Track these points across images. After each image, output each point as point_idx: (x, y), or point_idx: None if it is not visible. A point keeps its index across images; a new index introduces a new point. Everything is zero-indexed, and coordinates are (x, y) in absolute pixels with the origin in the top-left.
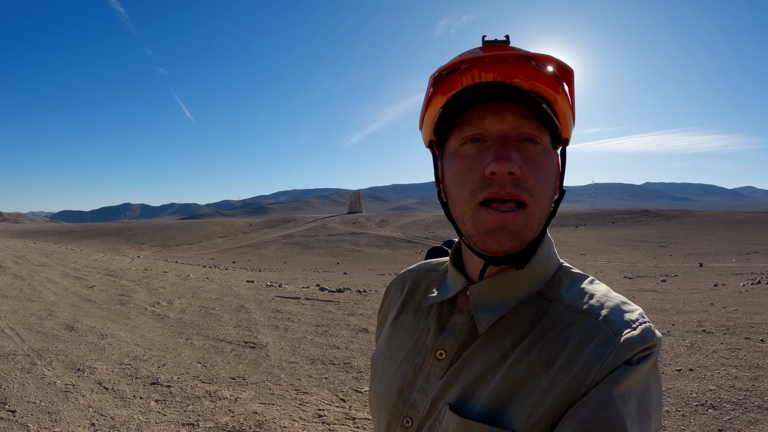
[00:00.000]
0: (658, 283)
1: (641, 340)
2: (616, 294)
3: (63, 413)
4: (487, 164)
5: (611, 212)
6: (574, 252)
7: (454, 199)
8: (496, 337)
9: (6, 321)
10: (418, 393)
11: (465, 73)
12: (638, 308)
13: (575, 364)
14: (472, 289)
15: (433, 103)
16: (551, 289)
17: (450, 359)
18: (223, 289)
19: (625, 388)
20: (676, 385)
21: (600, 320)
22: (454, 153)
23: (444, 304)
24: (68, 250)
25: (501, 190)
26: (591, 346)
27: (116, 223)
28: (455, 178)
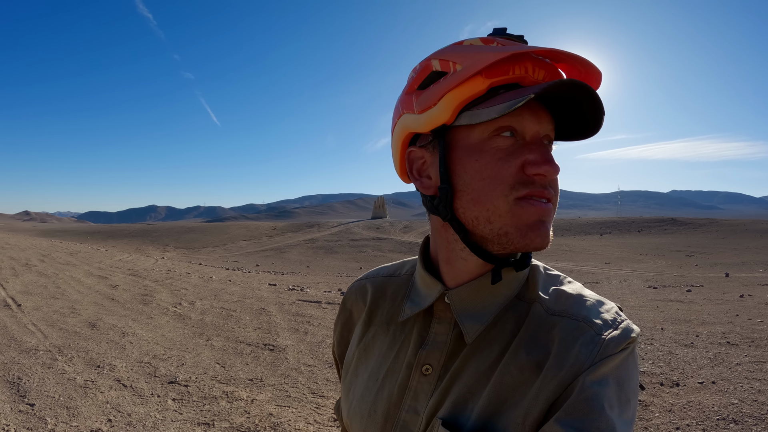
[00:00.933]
0: (683, 293)
1: (624, 338)
2: (590, 292)
3: (81, 408)
4: (529, 162)
5: (637, 220)
6: (598, 261)
7: (478, 194)
8: (483, 345)
9: (30, 317)
10: (408, 413)
11: (518, 62)
12: (614, 306)
13: (564, 364)
14: (452, 294)
15: (471, 83)
16: (528, 291)
17: (438, 373)
18: (244, 292)
19: (602, 373)
20: (698, 399)
21: (581, 321)
22: (482, 144)
23: (420, 314)
24: (94, 250)
25: (544, 189)
26: (577, 347)
27: (142, 225)
28: (487, 171)
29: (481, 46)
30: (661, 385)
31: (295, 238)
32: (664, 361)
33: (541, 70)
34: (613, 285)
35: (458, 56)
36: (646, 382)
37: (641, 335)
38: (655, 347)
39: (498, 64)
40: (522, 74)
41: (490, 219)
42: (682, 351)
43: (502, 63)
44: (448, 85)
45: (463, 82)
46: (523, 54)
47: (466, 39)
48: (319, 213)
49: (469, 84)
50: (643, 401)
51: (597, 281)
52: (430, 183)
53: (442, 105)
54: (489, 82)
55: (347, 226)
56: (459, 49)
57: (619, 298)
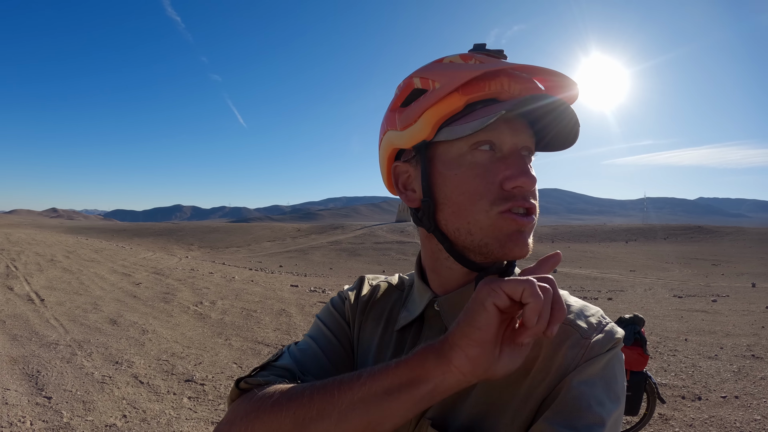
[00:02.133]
0: (708, 303)
1: (608, 341)
2: (575, 298)
3: (97, 403)
4: (507, 176)
5: (663, 228)
6: (623, 268)
7: (458, 208)
8: None
9: (52, 312)
10: None
11: (493, 79)
12: (598, 309)
13: (551, 367)
14: (442, 301)
15: (448, 100)
16: None
17: None
18: (266, 293)
19: (589, 374)
20: (720, 413)
21: (567, 325)
22: (461, 158)
23: (414, 321)
24: (118, 248)
25: (524, 201)
26: (564, 350)
27: (167, 224)
28: (465, 185)
29: (458, 64)
30: (683, 398)
31: (319, 239)
32: (686, 374)
33: (516, 84)
34: (637, 293)
35: (437, 74)
36: (668, 395)
37: (665, 346)
38: (678, 359)
39: (474, 81)
40: (498, 90)
41: (471, 231)
42: (705, 363)
43: (478, 80)
44: (427, 102)
45: (441, 100)
46: (498, 71)
47: (446, 56)
48: (344, 215)
49: (447, 101)
50: (663, 415)
51: (621, 289)
52: (414, 196)
53: (422, 122)
54: (466, 99)
55: (371, 229)
56: (438, 67)
57: (643, 307)
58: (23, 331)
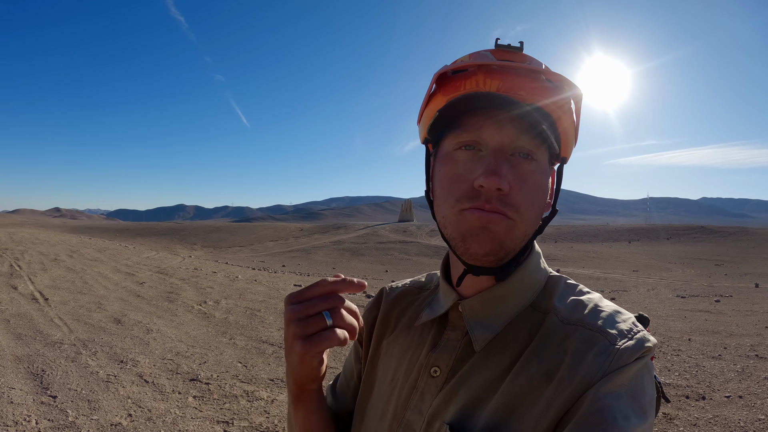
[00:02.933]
0: (711, 303)
1: (638, 348)
2: (608, 302)
3: (102, 402)
4: (476, 175)
5: (666, 228)
6: (626, 268)
7: (439, 201)
8: (494, 354)
9: (56, 311)
10: (413, 412)
11: (470, 77)
12: (631, 316)
13: (576, 375)
14: (465, 304)
15: (434, 102)
16: (543, 301)
17: (445, 376)
18: (270, 292)
19: (615, 384)
20: (723, 413)
21: (595, 331)
22: (447, 157)
23: (435, 320)
24: (122, 247)
25: (487, 203)
26: (590, 357)
27: (170, 223)
28: (444, 182)
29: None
30: (687, 398)
31: (322, 239)
32: (690, 374)
33: (494, 81)
34: (640, 293)
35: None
36: (672, 395)
37: (668, 346)
38: (681, 359)
39: (451, 81)
40: (473, 87)
41: (446, 225)
42: (709, 363)
43: (455, 79)
44: (424, 102)
45: (431, 100)
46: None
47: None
48: (346, 215)
49: (435, 101)
50: (667, 414)
51: (624, 289)
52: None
53: (422, 121)
54: (446, 99)
55: (374, 229)
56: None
57: (646, 307)
58: (28, 330)
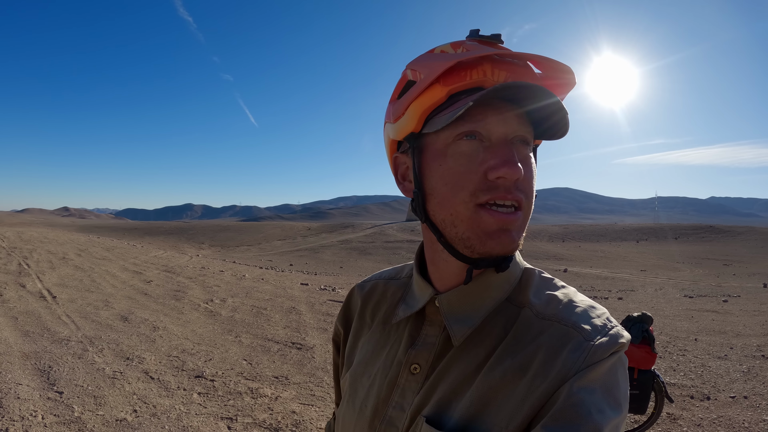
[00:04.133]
0: (719, 303)
1: (612, 344)
2: (582, 297)
3: (108, 398)
4: (491, 166)
5: (674, 227)
6: (634, 268)
7: (442, 199)
8: (470, 347)
9: (64, 309)
10: (395, 409)
11: (475, 67)
12: (605, 311)
13: (550, 370)
14: (442, 299)
15: (430, 92)
16: (519, 294)
17: (425, 373)
18: (276, 291)
19: (590, 379)
20: (728, 413)
21: (570, 326)
22: (445, 149)
23: (412, 315)
24: (129, 246)
25: (507, 194)
26: (565, 353)
27: (178, 223)
28: (448, 176)
29: (443, 54)
30: (692, 398)
31: (330, 238)
32: (695, 374)
33: (501, 71)
34: (648, 293)
35: (421, 65)
36: (676, 395)
37: (674, 346)
38: (687, 359)
39: (454, 71)
40: (480, 78)
41: (455, 223)
42: (714, 363)
43: (459, 69)
44: (412, 94)
45: (424, 91)
46: (483, 57)
47: (439, 45)
48: (354, 214)
49: (429, 92)
50: (671, 414)
51: (632, 289)
52: (409, 187)
53: (409, 114)
54: (447, 90)
55: (381, 228)
56: (425, 58)
57: (653, 306)
58: (35, 328)
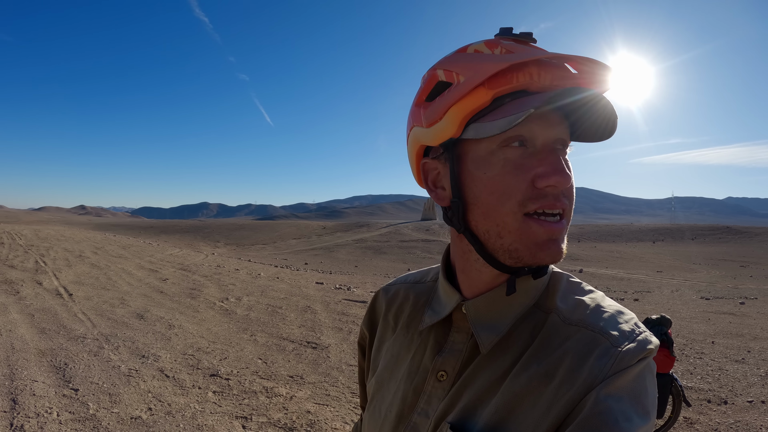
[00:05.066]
0: (736, 305)
1: (640, 351)
2: (611, 302)
3: (123, 396)
4: (539, 174)
5: (691, 228)
6: (650, 269)
7: (488, 209)
8: (498, 354)
9: (80, 306)
10: (420, 415)
11: (521, 69)
12: (633, 316)
13: (577, 377)
14: (469, 305)
15: (474, 95)
16: (546, 300)
17: (452, 380)
18: (291, 289)
19: (617, 386)
20: (746, 418)
21: (597, 332)
22: (490, 156)
23: (439, 321)
24: (146, 244)
25: (556, 202)
26: (591, 359)
27: (194, 221)
28: (494, 185)
29: (484, 55)
30: (709, 402)
31: (345, 237)
32: (713, 377)
33: (547, 74)
34: (664, 295)
35: (461, 66)
36: (693, 399)
37: (691, 348)
38: (704, 362)
39: (500, 74)
40: (526, 81)
41: (501, 234)
42: (732, 367)
43: (505, 72)
44: (452, 98)
45: (466, 95)
46: (527, 60)
47: (471, 44)
48: (369, 213)
49: (473, 96)
50: (688, 418)
51: (648, 290)
52: (444, 194)
53: (448, 119)
54: (492, 93)
55: (396, 227)
56: (462, 58)
57: (670, 308)
58: (51, 325)
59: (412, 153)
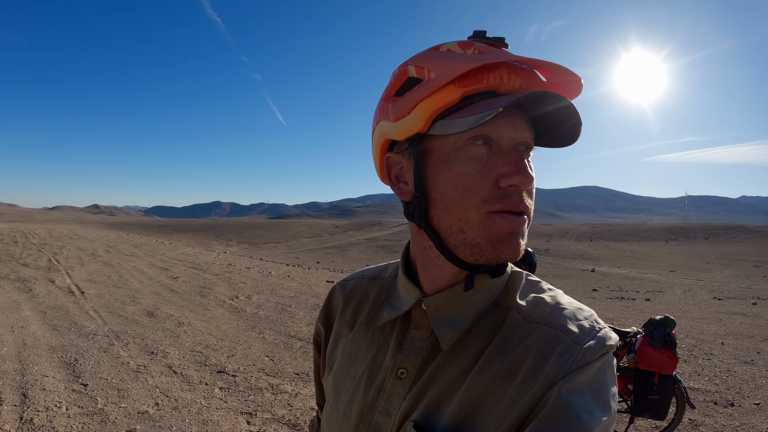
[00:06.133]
0: (748, 305)
1: (600, 347)
2: (569, 299)
3: (131, 391)
4: (503, 174)
5: (704, 227)
6: (662, 268)
7: (451, 204)
8: (459, 351)
9: (91, 304)
10: (381, 414)
11: (493, 70)
12: (592, 313)
13: (540, 374)
14: (429, 302)
15: (443, 92)
16: (506, 297)
17: (412, 377)
18: (302, 288)
19: (578, 382)
20: (752, 421)
21: (558, 329)
22: (456, 152)
23: (398, 318)
24: (158, 243)
25: (520, 202)
26: (554, 356)
27: (206, 220)
28: (460, 181)
29: (455, 54)
30: (715, 404)
31: (357, 236)
32: (720, 379)
33: (517, 77)
34: (676, 294)
35: (433, 63)
36: (699, 401)
37: (700, 349)
38: (712, 363)
39: (471, 73)
40: (496, 82)
41: (463, 229)
42: (740, 368)
43: (476, 72)
44: (421, 93)
45: (436, 91)
46: (498, 62)
47: (444, 43)
48: (381, 212)
49: (442, 93)
50: (693, 420)
51: (660, 290)
52: (406, 189)
53: (416, 114)
54: (462, 92)
55: (408, 226)
56: (434, 55)
57: (681, 308)
58: (63, 322)
59: (377, 147)
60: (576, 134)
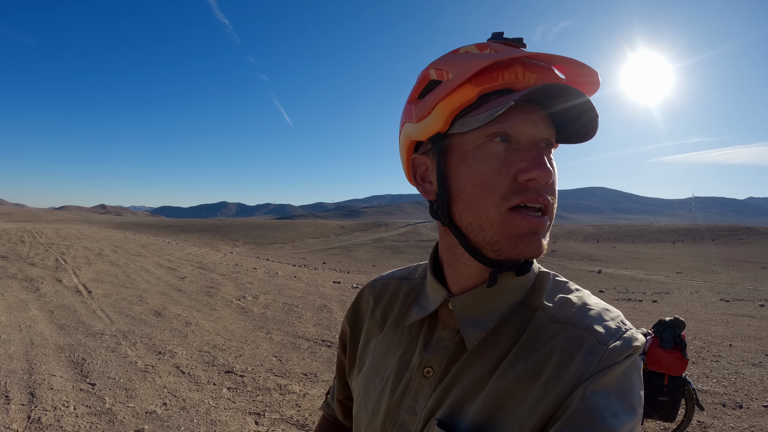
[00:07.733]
0: (755, 307)
1: (626, 348)
2: (596, 299)
3: (139, 391)
4: (521, 169)
5: (711, 228)
6: (669, 270)
7: (471, 201)
8: (484, 350)
9: (99, 303)
10: (407, 413)
11: (507, 68)
12: (619, 314)
13: (564, 374)
14: (455, 302)
15: (460, 91)
16: (533, 298)
17: (438, 376)
18: (308, 288)
19: (603, 383)
20: (761, 423)
21: (584, 330)
22: (474, 150)
23: (426, 318)
24: (165, 243)
25: (538, 196)
26: (578, 357)
27: (213, 220)
28: (479, 178)
29: (472, 54)
30: (723, 406)
31: (363, 237)
32: (728, 381)
33: (532, 74)
34: (683, 296)
35: (450, 65)
36: (707, 403)
37: (708, 351)
38: (720, 365)
39: (486, 71)
40: (512, 79)
41: (483, 226)
42: (749, 370)
43: (491, 69)
44: (440, 94)
45: (454, 91)
46: (513, 59)
47: (463, 46)
48: (387, 213)
49: (460, 92)
50: (702, 422)
51: (667, 292)
52: (431, 188)
53: (436, 114)
54: (478, 90)
55: (415, 227)
56: (452, 57)
57: (688, 310)
58: (70, 321)
59: (403, 149)
60: (594, 128)
